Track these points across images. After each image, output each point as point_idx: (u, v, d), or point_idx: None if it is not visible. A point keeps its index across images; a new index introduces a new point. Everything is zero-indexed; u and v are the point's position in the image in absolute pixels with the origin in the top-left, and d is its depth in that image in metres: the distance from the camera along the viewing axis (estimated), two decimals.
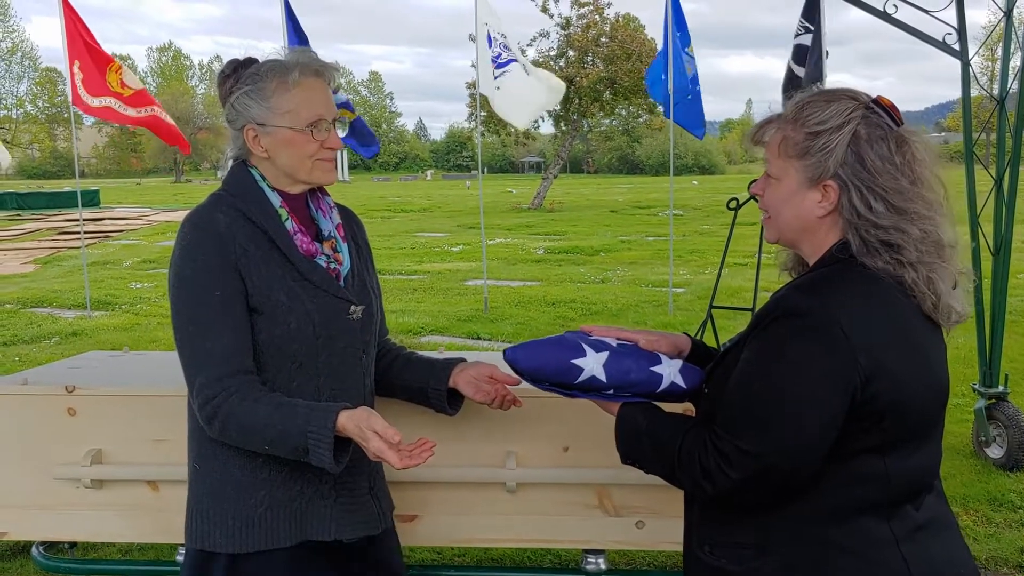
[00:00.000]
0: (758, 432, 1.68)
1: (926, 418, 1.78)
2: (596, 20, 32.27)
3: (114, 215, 29.46)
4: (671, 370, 1.99)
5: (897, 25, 4.99)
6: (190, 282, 2.08)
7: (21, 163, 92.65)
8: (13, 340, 9.67)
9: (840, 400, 1.66)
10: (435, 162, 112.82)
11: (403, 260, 16.81)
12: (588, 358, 1.94)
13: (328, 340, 2.18)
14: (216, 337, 2.05)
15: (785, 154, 1.81)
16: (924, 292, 1.73)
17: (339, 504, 2.23)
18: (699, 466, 1.74)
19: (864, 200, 1.73)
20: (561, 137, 35.84)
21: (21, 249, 19.74)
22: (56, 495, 2.86)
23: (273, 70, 2.14)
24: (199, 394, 2.06)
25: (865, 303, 1.71)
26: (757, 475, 1.69)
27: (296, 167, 2.18)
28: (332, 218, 2.30)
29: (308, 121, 2.14)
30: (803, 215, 1.81)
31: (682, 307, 11.08)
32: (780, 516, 1.75)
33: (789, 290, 1.78)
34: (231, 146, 2.25)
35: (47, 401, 2.83)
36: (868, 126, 1.75)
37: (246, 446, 2.08)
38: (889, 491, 1.73)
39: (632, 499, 2.80)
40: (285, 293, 2.12)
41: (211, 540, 2.16)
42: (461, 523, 2.84)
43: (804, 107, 1.80)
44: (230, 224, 2.12)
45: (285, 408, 2.02)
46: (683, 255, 16.30)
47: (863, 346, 1.66)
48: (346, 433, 1.97)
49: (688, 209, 28.36)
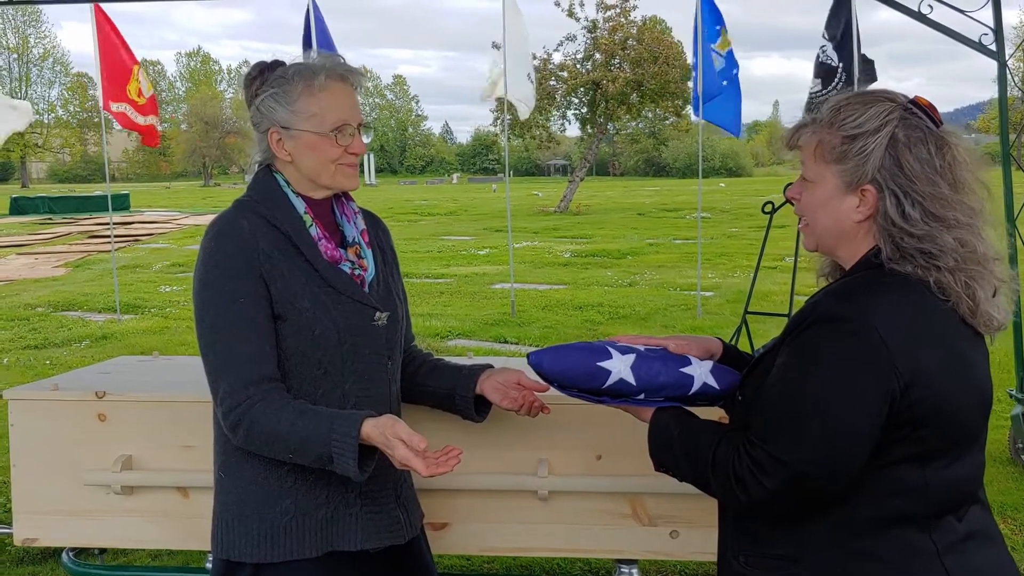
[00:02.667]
0: (793, 439, 1.64)
1: (967, 426, 1.73)
2: (622, 23, 32.18)
3: (144, 219, 29.74)
4: (702, 371, 1.94)
5: (932, 26, 4.91)
6: (214, 289, 2.06)
7: (52, 167, 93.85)
8: (44, 343, 9.75)
9: (878, 407, 1.61)
10: (461, 165, 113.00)
11: (429, 264, 16.82)
12: (615, 360, 1.90)
13: (353, 347, 2.16)
14: (240, 344, 2.04)
15: (822, 158, 1.77)
16: (960, 296, 1.68)
17: (365, 513, 2.20)
18: (732, 474, 1.70)
19: (900, 207, 1.68)
20: (587, 140, 35.77)
21: (52, 253, 19.93)
22: (86, 501, 2.85)
23: (299, 73, 2.12)
24: (223, 402, 2.04)
25: (902, 308, 1.66)
26: (792, 484, 1.64)
27: (319, 172, 2.16)
28: (357, 224, 2.28)
29: (333, 126, 2.12)
30: (840, 220, 1.77)
31: (711, 311, 11.00)
32: (816, 526, 1.71)
33: (824, 295, 1.75)
34: (256, 149, 2.23)
35: (77, 407, 2.83)
36: (906, 128, 1.71)
37: (271, 454, 2.06)
38: (929, 501, 1.69)
39: (666, 508, 2.75)
40: (309, 300, 2.10)
41: (236, 550, 2.14)
42: (492, 531, 2.81)
43: (840, 110, 1.76)
44: (254, 231, 2.10)
45: (309, 416, 2.00)
46: (711, 258, 16.20)
47: (901, 352, 1.61)
48: (371, 441, 1.95)
49: (716, 212, 28.23)
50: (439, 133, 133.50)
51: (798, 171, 1.86)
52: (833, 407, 1.61)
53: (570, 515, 2.78)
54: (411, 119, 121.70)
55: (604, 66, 32.40)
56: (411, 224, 27.82)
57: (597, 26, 32.48)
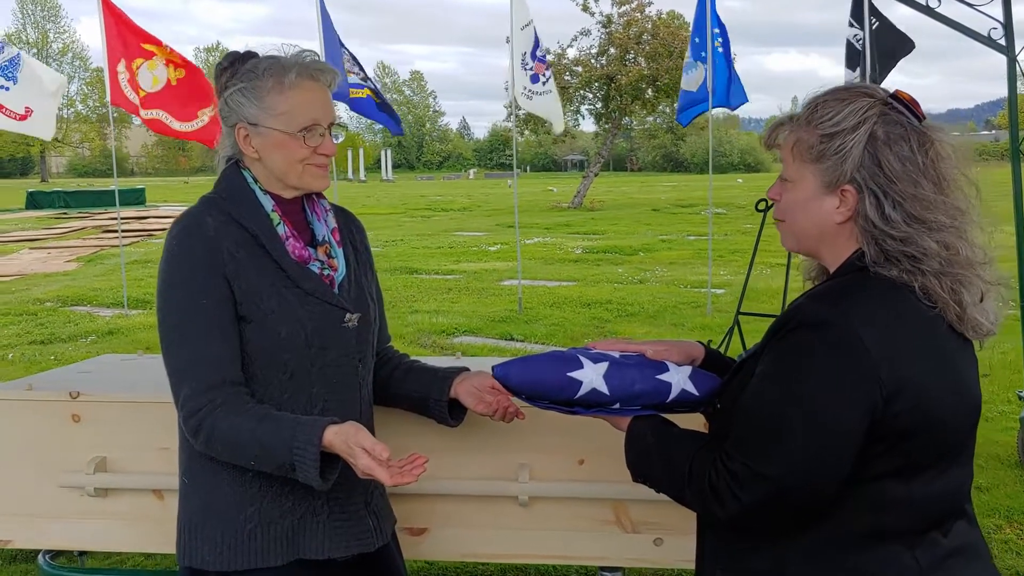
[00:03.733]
0: (771, 451, 1.57)
1: (955, 438, 1.65)
2: (637, 18, 32.05)
3: (158, 214, 29.81)
4: (680, 377, 1.87)
5: (941, 20, 4.82)
6: (176, 288, 2.01)
7: (72, 162, 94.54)
8: (51, 339, 9.76)
9: (860, 418, 1.54)
10: (478, 161, 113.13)
11: (440, 259, 16.77)
12: (586, 370, 1.82)
13: (321, 350, 2.09)
14: (202, 347, 1.98)
15: (800, 158, 1.71)
16: (946, 301, 1.61)
17: (332, 521, 2.14)
18: (709, 487, 1.64)
19: (880, 208, 1.62)
20: (602, 135, 35.66)
21: (65, 247, 20.01)
22: (61, 503, 2.81)
23: (270, 69, 2.05)
24: (184, 406, 1.98)
25: (887, 313, 1.59)
26: (769, 498, 1.58)
27: (286, 171, 2.09)
28: (327, 222, 2.21)
29: (302, 125, 2.05)
30: (821, 222, 1.70)
31: (721, 308, 10.89)
32: (796, 541, 1.64)
33: (806, 299, 1.67)
34: (224, 144, 2.16)
35: (51, 407, 2.78)
36: (886, 124, 1.64)
37: (232, 461, 2.01)
38: (913, 517, 1.62)
39: (650, 515, 2.68)
40: (275, 300, 2.04)
41: (200, 557, 2.09)
42: (471, 537, 2.75)
43: (817, 107, 1.69)
44: (218, 228, 2.04)
45: (270, 422, 1.94)
46: (724, 255, 16.09)
47: (885, 360, 1.54)
48: (333, 449, 1.88)
49: (732, 208, 28.07)
50: (456, 129, 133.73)
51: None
52: (813, 418, 1.55)
53: (552, 521, 2.71)
54: (428, 115, 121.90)
55: (619, 60, 32.28)
56: (424, 220, 27.80)
57: (612, 21, 32.36)
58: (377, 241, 17.40)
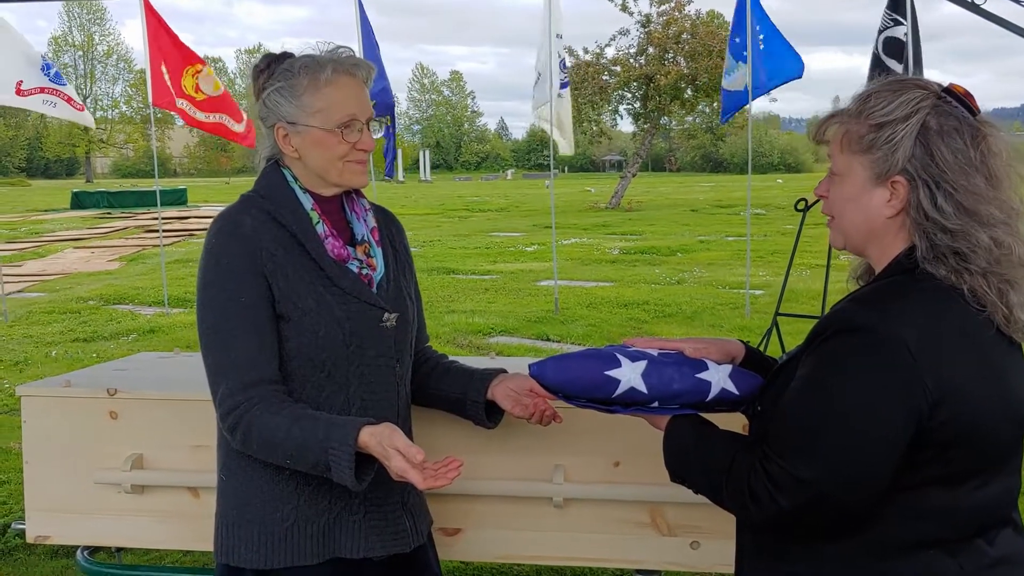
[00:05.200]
0: (811, 456, 1.54)
1: (1001, 446, 1.61)
2: (676, 17, 31.85)
3: (199, 214, 30.14)
4: (720, 376, 1.83)
5: (987, 17, 4.71)
6: (215, 288, 2.01)
7: (116, 162, 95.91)
8: (93, 336, 9.89)
9: (904, 425, 1.50)
10: (516, 161, 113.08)
11: (477, 260, 16.78)
12: (624, 368, 1.79)
13: (359, 349, 2.09)
14: (240, 345, 1.98)
15: (849, 149, 1.67)
16: (994, 303, 1.56)
17: (368, 520, 2.13)
18: (747, 489, 1.61)
19: (932, 198, 1.57)
20: (641, 135, 35.51)
21: (108, 247, 20.29)
22: (98, 500, 2.83)
23: (305, 67, 2.05)
24: (221, 404, 1.99)
25: (933, 317, 1.55)
26: (808, 503, 1.55)
27: (326, 168, 2.09)
28: (367, 221, 2.20)
29: (339, 121, 2.05)
30: (870, 216, 1.66)
31: (760, 310, 10.77)
32: (836, 547, 1.61)
33: (849, 302, 1.63)
34: (263, 144, 2.17)
35: (89, 404, 2.80)
36: (939, 115, 1.59)
37: (269, 459, 2.01)
38: (958, 525, 1.58)
39: (687, 518, 2.65)
40: (314, 299, 2.04)
41: (237, 555, 2.10)
42: (506, 538, 2.73)
43: (868, 99, 1.65)
44: (257, 227, 2.04)
45: (306, 421, 1.94)
46: (764, 255, 15.93)
47: (931, 366, 1.50)
48: (368, 450, 1.88)
49: (771, 208, 27.79)
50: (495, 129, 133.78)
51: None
52: (855, 424, 1.51)
53: (587, 523, 2.69)
54: (467, 115, 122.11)
55: (657, 60, 32.11)
56: (462, 220, 27.84)
57: (651, 20, 32.20)
58: (415, 242, 17.42)
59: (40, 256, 18.44)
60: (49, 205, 37.46)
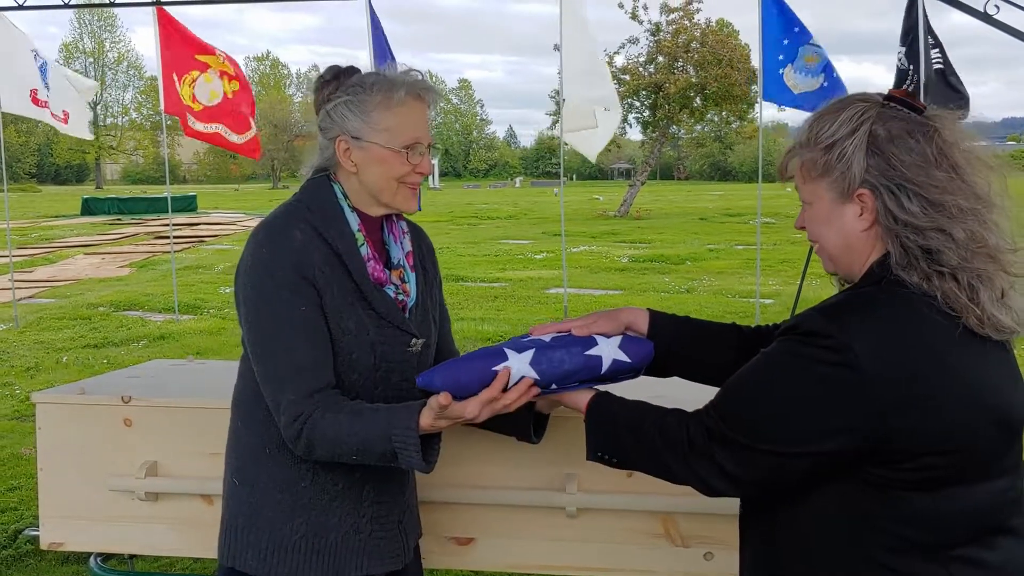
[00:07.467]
0: (745, 415, 1.63)
1: (984, 449, 1.59)
2: (686, 26, 31.90)
3: (209, 220, 30.26)
4: (609, 349, 1.90)
5: (998, 26, 4.73)
6: (270, 298, 2.00)
7: (126, 169, 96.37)
8: (103, 343, 9.93)
9: (833, 431, 1.55)
10: (524, 169, 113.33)
11: (486, 267, 16.80)
12: (511, 360, 1.84)
13: (386, 373, 2.11)
14: (302, 352, 1.98)
15: (809, 177, 1.72)
16: (966, 306, 1.57)
17: (373, 539, 2.16)
18: (686, 437, 1.68)
19: (897, 201, 1.60)
20: (649, 143, 35.53)
21: (119, 253, 20.37)
22: (112, 507, 2.83)
23: (378, 84, 2.05)
24: (286, 412, 1.97)
25: (893, 328, 1.56)
26: (740, 455, 1.63)
27: (382, 188, 2.09)
28: (403, 245, 2.21)
29: (405, 143, 2.05)
30: (846, 232, 1.70)
31: (770, 319, 10.75)
32: (827, 553, 1.64)
33: (812, 310, 1.66)
34: (317, 155, 2.15)
35: (103, 411, 2.81)
36: (885, 122, 1.63)
37: (335, 459, 2.00)
38: (942, 531, 1.58)
39: (700, 528, 2.65)
40: (353, 321, 2.04)
41: (243, 560, 2.11)
42: (518, 547, 2.73)
43: (813, 125, 1.72)
44: (306, 243, 2.03)
45: (366, 415, 1.94)
46: (773, 264, 15.91)
47: (882, 376, 1.52)
48: (434, 428, 1.89)
49: (780, 217, 27.74)
50: (503, 137, 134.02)
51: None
52: (787, 398, 1.59)
53: (600, 533, 2.68)
54: (476, 123, 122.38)
55: (667, 69, 32.16)
56: (471, 228, 27.87)
57: (660, 29, 32.26)
58: None
59: (51, 262, 18.53)
60: (59, 211, 37.60)
